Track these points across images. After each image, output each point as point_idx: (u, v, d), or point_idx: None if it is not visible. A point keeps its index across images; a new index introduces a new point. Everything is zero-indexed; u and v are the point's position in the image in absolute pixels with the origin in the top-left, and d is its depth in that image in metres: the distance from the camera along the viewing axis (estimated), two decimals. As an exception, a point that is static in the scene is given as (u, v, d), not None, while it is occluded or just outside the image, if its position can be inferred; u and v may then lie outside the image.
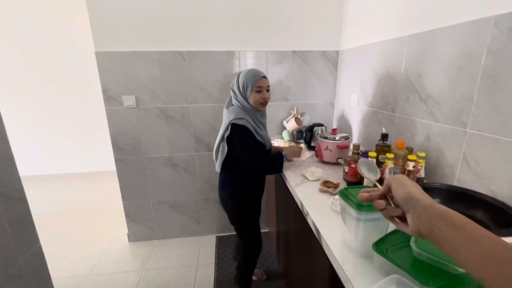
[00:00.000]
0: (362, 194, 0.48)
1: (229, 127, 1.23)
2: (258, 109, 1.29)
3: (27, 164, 3.34)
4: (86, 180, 3.40)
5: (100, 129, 3.23)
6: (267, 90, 1.29)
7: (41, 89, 3.14)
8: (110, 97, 1.77)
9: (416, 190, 0.40)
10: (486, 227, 0.72)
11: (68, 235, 2.23)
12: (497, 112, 0.82)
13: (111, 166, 2.19)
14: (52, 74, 3.10)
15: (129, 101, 1.80)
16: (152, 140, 1.92)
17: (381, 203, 0.43)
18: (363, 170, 0.61)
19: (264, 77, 1.27)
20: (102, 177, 3.42)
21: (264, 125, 1.36)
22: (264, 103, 1.28)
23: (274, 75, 1.93)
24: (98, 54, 1.69)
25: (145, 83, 1.80)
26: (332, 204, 1.00)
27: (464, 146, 0.94)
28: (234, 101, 1.30)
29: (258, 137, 1.26)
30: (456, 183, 0.97)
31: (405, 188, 0.40)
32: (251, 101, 1.26)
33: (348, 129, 1.82)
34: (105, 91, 1.76)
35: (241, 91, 1.26)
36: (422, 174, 1.03)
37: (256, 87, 1.23)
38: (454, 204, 0.81)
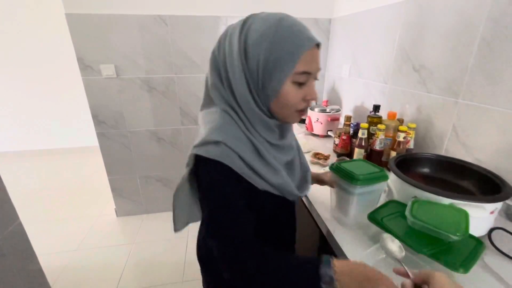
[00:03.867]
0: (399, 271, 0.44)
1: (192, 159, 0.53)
2: (287, 121, 0.57)
3: (1, 139, 3.15)
4: (68, 156, 3.27)
5: (79, 101, 3.04)
6: (315, 78, 0.55)
7: (11, 58, 2.86)
8: (86, 66, 1.64)
9: None
10: (472, 194, 0.74)
11: (52, 213, 2.18)
12: (490, 82, 0.81)
13: (94, 141, 2.09)
14: (20, 39, 2.81)
15: (108, 70, 1.67)
16: (135, 113, 1.82)
17: None
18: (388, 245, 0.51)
19: (317, 45, 0.52)
20: (86, 152, 3.30)
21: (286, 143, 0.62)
22: (306, 107, 0.57)
23: (263, 44, 1.83)
24: (69, 17, 1.52)
25: (124, 51, 1.66)
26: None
27: (455, 116, 0.94)
28: (216, 96, 0.55)
29: (255, 177, 0.53)
30: (443, 152, 0.98)
31: None
32: (276, 104, 0.53)
33: (338, 101, 1.80)
34: (80, 59, 1.61)
35: (255, 77, 0.51)
36: (411, 145, 1.04)
37: (300, 73, 0.50)
38: (442, 173, 0.83)
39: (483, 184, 0.74)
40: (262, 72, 0.49)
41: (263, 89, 0.51)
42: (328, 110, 1.41)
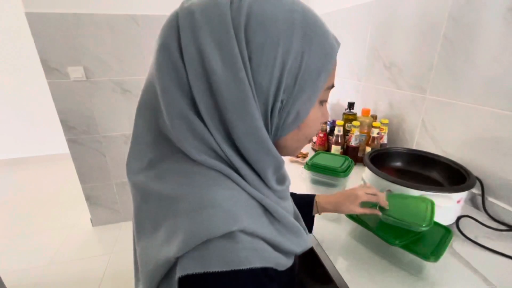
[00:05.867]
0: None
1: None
2: (289, 155, 0.40)
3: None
4: (36, 165, 3.06)
5: (46, 106, 2.86)
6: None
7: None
8: (52, 69, 1.54)
9: None
10: (441, 185, 0.78)
11: (20, 226, 2.02)
12: (453, 78, 0.86)
13: (64, 148, 1.98)
14: (-24, 42, 2.59)
15: (76, 73, 1.58)
16: (108, 117, 1.74)
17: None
18: None
19: None
20: (55, 160, 3.11)
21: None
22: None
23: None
24: (30, 16, 1.42)
25: (94, 53, 1.58)
26: (302, 173, 1.01)
27: (423, 111, 0.98)
28: (185, 139, 0.31)
29: (278, 256, 0.33)
30: (415, 146, 1.03)
31: None
32: (293, 136, 0.36)
33: (316, 100, 1.83)
34: (44, 61, 1.52)
35: (267, 96, 0.31)
36: (385, 140, 1.08)
37: (329, 87, 0.38)
38: (413, 166, 0.87)
39: (450, 175, 0.77)
40: (285, 87, 0.31)
41: (280, 114, 0.32)
42: (305, 109, 1.44)
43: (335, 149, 1.08)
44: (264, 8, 0.29)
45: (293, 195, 0.59)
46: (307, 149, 1.26)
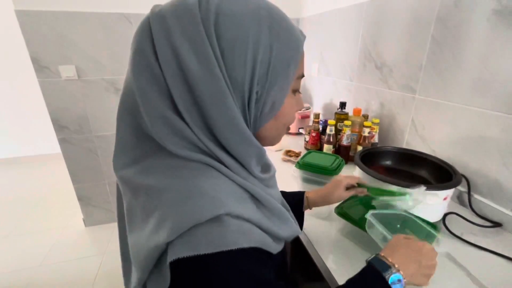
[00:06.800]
0: None
1: (172, 269, 0.28)
2: (271, 144, 0.42)
3: None
4: (27, 165, 3.02)
5: (37, 105, 2.81)
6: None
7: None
8: (42, 67, 1.52)
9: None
10: (429, 183, 0.79)
11: (10, 227, 1.99)
12: (441, 78, 0.88)
13: (56, 147, 1.95)
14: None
15: (68, 71, 1.56)
16: (101, 116, 1.73)
17: None
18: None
19: None
20: (46, 160, 3.06)
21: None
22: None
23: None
24: (20, 14, 1.40)
25: (86, 51, 1.57)
26: (294, 172, 1.02)
27: (413, 111, 1.00)
28: (167, 135, 0.32)
29: (269, 242, 0.35)
30: (405, 145, 1.05)
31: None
32: (271, 125, 0.38)
33: (309, 99, 1.84)
34: (35, 60, 1.49)
35: (243, 89, 0.32)
36: (376, 139, 1.09)
37: (300, 77, 0.40)
38: (403, 164, 0.88)
39: (438, 173, 0.79)
40: (258, 79, 0.32)
41: (257, 105, 0.34)
42: (299, 108, 1.45)
43: (327, 148, 1.09)
44: (231, 7, 0.31)
45: (283, 193, 0.60)
46: (300, 148, 1.28)
